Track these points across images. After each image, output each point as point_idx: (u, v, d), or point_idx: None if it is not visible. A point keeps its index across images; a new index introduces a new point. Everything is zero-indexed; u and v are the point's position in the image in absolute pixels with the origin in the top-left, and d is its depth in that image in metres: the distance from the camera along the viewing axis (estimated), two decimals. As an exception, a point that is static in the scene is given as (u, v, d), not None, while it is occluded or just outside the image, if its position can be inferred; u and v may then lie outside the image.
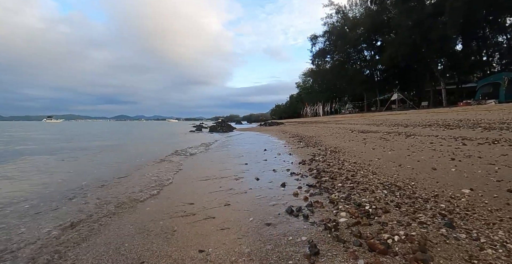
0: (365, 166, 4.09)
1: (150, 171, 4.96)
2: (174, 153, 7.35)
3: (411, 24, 33.87)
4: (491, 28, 34.01)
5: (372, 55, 49.76)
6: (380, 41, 46.41)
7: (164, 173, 4.68)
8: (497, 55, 36.53)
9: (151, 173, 4.73)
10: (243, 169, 4.77)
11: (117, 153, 7.87)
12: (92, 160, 6.63)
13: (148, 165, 5.69)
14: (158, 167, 5.41)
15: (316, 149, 6.63)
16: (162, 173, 4.73)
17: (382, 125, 13.61)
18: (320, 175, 3.66)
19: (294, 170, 4.24)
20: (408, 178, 3.27)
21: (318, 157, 5.29)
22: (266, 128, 28.43)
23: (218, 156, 6.80)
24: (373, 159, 4.64)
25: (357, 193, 2.73)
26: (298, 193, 2.92)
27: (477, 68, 37.97)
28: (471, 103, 27.85)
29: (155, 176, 4.44)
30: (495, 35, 34.79)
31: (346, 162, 4.47)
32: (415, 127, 10.76)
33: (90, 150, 8.65)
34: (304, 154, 6.03)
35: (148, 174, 4.61)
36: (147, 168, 5.32)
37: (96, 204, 2.98)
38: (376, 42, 48.04)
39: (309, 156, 5.59)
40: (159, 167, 5.34)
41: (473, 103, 27.63)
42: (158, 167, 5.41)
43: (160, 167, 5.40)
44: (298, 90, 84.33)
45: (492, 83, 29.36)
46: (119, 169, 5.21)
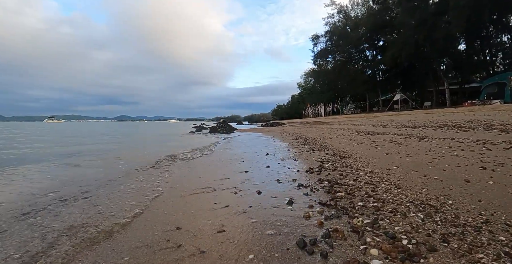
0: (384, 176, 3.53)
1: (137, 180, 4.38)
2: (168, 158, 6.76)
3: (414, 23, 33.42)
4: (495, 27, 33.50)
5: (374, 55, 49.41)
6: (382, 41, 46.09)
7: (152, 184, 4.09)
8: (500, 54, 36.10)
9: (137, 183, 4.13)
10: (243, 178, 4.20)
11: (106, 157, 7.28)
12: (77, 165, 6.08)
13: (137, 172, 5.12)
14: (147, 175, 4.83)
15: (323, 153, 6.06)
16: (150, 183, 4.14)
17: (389, 126, 13.04)
18: (334, 188, 3.09)
19: (301, 181, 3.67)
20: (441, 194, 2.71)
21: (327, 163, 4.72)
22: (268, 129, 27.88)
23: (216, 162, 6.22)
24: (390, 167, 4.08)
25: (385, 217, 2.16)
26: (310, 215, 2.35)
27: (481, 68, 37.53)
28: (476, 103, 27.31)
29: (141, 187, 3.83)
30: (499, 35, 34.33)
31: (361, 171, 3.91)
32: (424, 128, 10.20)
33: (78, 155, 7.99)
34: (311, 159, 5.46)
35: (133, 185, 4.02)
36: (135, 176, 4.73)
37: (41, 236, 2.22)
38: (378, 42, 47.71)
39: (316, 162, 5.02)
40: (148, 176, 4.76)
41: (478, 103, 27.08)
42: (147, 175, 4.83)
43: (149, 175, 4.83)
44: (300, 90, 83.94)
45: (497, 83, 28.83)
46: (101, 177, 4.59)
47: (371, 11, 43.97)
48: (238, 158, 6.56)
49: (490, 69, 35.64)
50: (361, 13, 47.72)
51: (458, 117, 14.53)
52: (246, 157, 6.79)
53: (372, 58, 49.78)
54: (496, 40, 34.64)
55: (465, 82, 38.44)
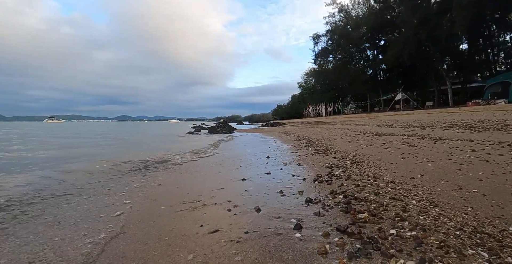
0: (410, 188, 2.89)
1: (112, 189, 3.73)
2: (158, 162, 6.08)
3: (416, 22, 32.93)
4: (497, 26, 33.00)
5: (375, 54, 48.91)
6: (384, 40, 45.64)
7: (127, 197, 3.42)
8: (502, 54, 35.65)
9: (108, 196, 3.45)
10: (239, 188, 3.55)
11: (90, 161, 6.59)
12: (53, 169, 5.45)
13: (116, 178, 4.48)
14: (126, 182, 4.16)
15: (331, 157, 5.41)
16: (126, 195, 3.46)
17: (395, 126, 12.41)
18: (352, 205, 2.44)
19: (309, 193, 3.02)
20: (493, 215, 2.07)
21: (337, 170, 4.08)
22: (268, 129, 27.24)
23: (211, 167, 5.55)
24: (413, 175, 3.45)
25: (435, 257, 1.52)
26: (326, 250, 1.70)
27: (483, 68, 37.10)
28: (480, 103, 26.79)
29: (110, 204, 3.08)
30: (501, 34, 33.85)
31: (380, 180, 3.27)
32: (434, 129, 9.56)
33: (61, 159, 7.26)
34: (317, 164, 4.82)
35: (103, 197, 3.36)
36: (111, 184, 4.08)
37: None
38: (379, 42, 47.32)
39: (324, 168, 4.38)
40: (127, 183, 4.09)
41: (482, 103, 26.57)
42: (126, 182, 4.16)
43: (129, 183, 4.16)
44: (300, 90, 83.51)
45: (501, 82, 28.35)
46: (65, 188, 3.84)
47: (372, 10, 43.52)
48: (235, 162, 5.91)
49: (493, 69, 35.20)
50: (362, 12, 47.28)
51: (465, 117, 13.92)
52: (245, 160, 6.14)
53: (373, 57, 49.35)
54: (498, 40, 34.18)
55: (467, 82, 38.03)
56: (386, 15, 41.57)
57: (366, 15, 44.58)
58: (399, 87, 41.54)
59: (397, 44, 36.56)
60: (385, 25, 41.99)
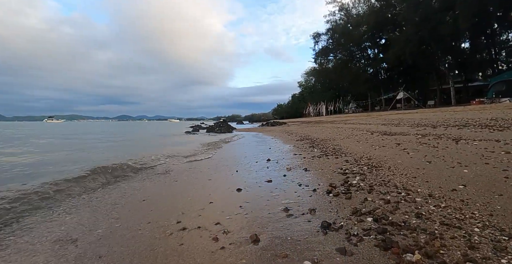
0: (459, 205, 2.14)
1: (63, 207, 2.99)
2: (142, 168, 5.26)
3: (419, 19, 32.34)
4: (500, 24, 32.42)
5: (376, 53, 48.34)
6: (385, 39, 45.15)
7: (92, 212, 2.69)
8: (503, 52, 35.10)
9: (64, 213, 2.71)
10: (233, 204, 2.78)
11: (66, 163, 5.84)
12: (21, 172, 4.71)
13: (88, 191, 3.72)
14: (91, 200, 3.38)
15: (342, 160, 4.65)
16: (91, 210, 2.74)
17: (402, 125, 11.68)
18: (390, 236, 1.71)
19: (324, 214, 2.24)
20: None
21: (353, 177, 3.33)
22: (269, 128, 26.50)
23: (201, 172, 4.76)
24: (453, 185, 2.71)
25: None
26: None
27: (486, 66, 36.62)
28: (485, 101, 26.31)
29: (61, 228, 2.36)
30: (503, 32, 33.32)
31: (414, 193, 2.51)
32: (447, 128, 8.82)
33: (32, 166, 6.46)
34: (327, 169, 4.06)
35: (54, 216, 2.63)
36: (67, 200, 3.32)
37: None
38: (380, 40, 46.85)
39: (337, 174, 3.62)
40: (92, 200, 3.33)
41: (486, 101, 26.09)
42: (91, 200, 3.38)
43: (91, 201, 3.37)
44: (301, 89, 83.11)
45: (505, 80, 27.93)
46: (22, 200, 3.14)
47: (373, 9, 43.00)
48: (231, 167, 5.15)
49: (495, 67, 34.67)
50: (362, 10, 46.75)
51: (474, 116, 13.21)
52: (242, 164, 5.38)
53: (374, 56, 48.81)
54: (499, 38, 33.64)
55: (468, 81, 37.56)
56: (387, 14, 41.24)
57: (366, 14, 44.13)
58: (400, 86, 41.00)
59: (398, 42, 36.10)
60: (386, 24, 41.58)
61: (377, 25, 41.73)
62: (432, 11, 31.11)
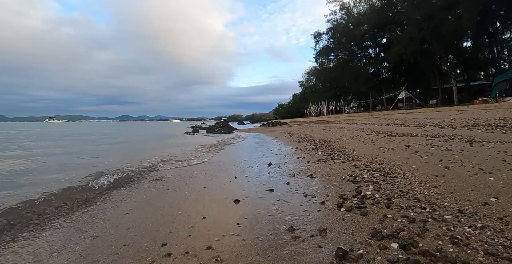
0: (499, 225, 1.76)
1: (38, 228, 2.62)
2: (132, 174, 4.71)
3: (421, 17, 31.99)
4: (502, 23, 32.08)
5: (377, 53, 48.00)
6: (386, 38, 44.85)
7: (65, 234, 2.32)
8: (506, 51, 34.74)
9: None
10: (228, 220, 2.38)
11: (53, 171, 5.47)
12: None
13: (64, 207, 3.34)
14: (61, 222, 2.97)
15: (350, 165, 4.27)
16: (62, 233, 2.36)
17: (407, 126, 11.30)
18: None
19: (338, 235, 1.86)
20: None
21: (366, 186, 2.94)
22: (270, 128, 26.12)
23: (196, 178, 4.34)
24: (482, 197, 2.32)
25: None
26: None
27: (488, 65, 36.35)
28: (488, 100, 26.03)
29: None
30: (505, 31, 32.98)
31: (441, 209, 2.13)
32: (455, 128, 8.43)
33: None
34: (335, 176, 3.68)
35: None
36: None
37: None
38: (381, 39, 46.58)
39: (346, 183, 3.23)
40: (72, 214, 2.96)
41: (490, 100, 25.81)
42: (61, 222, 2.97)
43: (77, 212, 3.02)
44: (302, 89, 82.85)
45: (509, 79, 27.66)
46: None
47: (374, 8, 42.67)
48: (229, 172, 4.76)
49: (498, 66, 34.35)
50: (363, 10, 46.44)
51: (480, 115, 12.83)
52: (241, 169, 5.00)
53: (375, 56, 48.44)
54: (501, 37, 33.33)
55: (470, 80, 37.22)
56: (388, 12, 41.01)
57: (367, 13, 43.83)
58: (402, 85, 40.68)
59: (400, 41, 35.78)
60: (387, 23, 41.35)
61: (378, 24, 41.45)
62: (435, 9, 30.76)
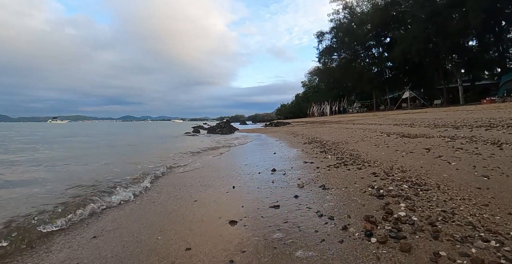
0: None
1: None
2: (118, 184, 3.93)
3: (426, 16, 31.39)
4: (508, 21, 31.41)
5: (381, 52, 47.38)
6: (389, 38, 44.24)
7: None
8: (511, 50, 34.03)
9: None
10: (220, 256, 1.82)
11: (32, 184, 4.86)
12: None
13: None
14: None
15: (367, 172, 3.64)
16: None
17: (418, 126, 10.64)
18: None
19: None
20: None
21: (396, 204, 2.32)
22: (272, 129, 25.53)
23: (187, 190, 3.66)
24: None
25: None
26: None
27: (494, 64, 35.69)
28: (496, 100, 25.54)
29: None
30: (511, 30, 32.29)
31: (509, 241, 1.58)
32: (471, 129, 7.76)
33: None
34: (352, 187, 3.04)
35: None
36: None
37: None
38: (385, 39, 45.88)
39: (369, 197, 2.61)
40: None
41: (497, 100, 25.30)
42: None
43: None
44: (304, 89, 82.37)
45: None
46: None
47: (377, 7, 42.14)
48: (227, 180, 4.14)
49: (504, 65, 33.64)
50: (366, 9, 45.88)
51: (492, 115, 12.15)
52: (241, 176, 4.38)
53: (378, 55, 47.79)
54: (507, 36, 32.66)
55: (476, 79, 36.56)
56: (391, 11, 40.53)
57: (371, 12, 43.30)
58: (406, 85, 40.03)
59: (405, 40, 35.27)
60: (390, 22, 40.87)
61: (382, 23, 40.94)
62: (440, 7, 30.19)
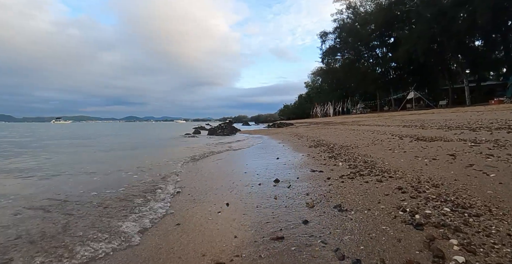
0: None
1: None
2: (94, 203, 3.38)
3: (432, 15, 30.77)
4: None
5: (385, 52, 46.77)
6: (393, 38, 43.65)
7: None
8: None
9: None
10: None
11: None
12: None
13: None
14: None
15: (391, 187, 3.03)
16: None
17: (430, 128, 9.99)
18: None
19: None
20: None
21: (443, 240, 1.71)
22: (275, 130, 24.93)
23: (170, 206, 3.16)
24: None
25: None
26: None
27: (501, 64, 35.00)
28: (505, 100, 25.03)
29: None
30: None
31: None
32: (490, 131, 7.10)
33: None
34: (377, 209, 2.41)
35: None
36: None
37: None
38: (389, 39, 45.28)
39: (402, 226, 2.01)
40: None
41: (506, 101, 24.80)
42: None
43: None
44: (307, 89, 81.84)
45: (525, 79, 26.91)
46: None
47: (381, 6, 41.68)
48: (220, 194, 3.50)
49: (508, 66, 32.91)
50: (370, 8, 45.34)
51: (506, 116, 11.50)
52: (237, 189, 3.74)
53: (382, 55, 47.18)
54: (511, 35, 31.97)
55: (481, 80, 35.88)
56: (395, 11, 39.96)
57: (375, 12, 42.79)
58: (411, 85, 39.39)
59: (409, 40, 34.70)
60: (395, 21, 40.43)
61: (386, 23, 40.41)
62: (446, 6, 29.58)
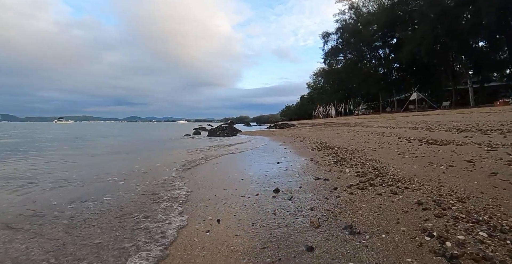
0: None
1: None
2: (66, 214, 3.15)
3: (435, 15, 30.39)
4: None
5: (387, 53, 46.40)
6: (396, 38, 43.32)
7: None
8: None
9: None
10: None
11: None
12: None
13: None
14: None
15: (409, 201, 2.62)
16: None
17: (437, 130, 9.56)
18: None
19: None
20: None
21: None
22: (277, 131, 24.55)
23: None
24: None
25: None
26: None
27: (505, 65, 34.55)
28: (510, 102, 24.67)
29: None
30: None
31: None
32: (505, 134, 6.63)
33: None
34: (396, 231, 2.01)
35: None
36: None
37: None
38: (391, 39, 44.89)
39: (430, 257, 1.63)
40: None
41: (511, 102, 24.44)
42: None
43: None
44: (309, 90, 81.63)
45: (530, 80, 26.55)
46: None
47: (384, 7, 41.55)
48: (212, 206, 3.10)
49: (511, 67, 32.54)
50: (373, 9, 45.12)
51: None
52: (231, 199, 3.32)
53: (385, 56, 46.82)
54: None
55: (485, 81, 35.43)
56: (398, 11, 39.78)
57: (377, 12, 42.45)
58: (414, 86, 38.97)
59: (412, 40, 34.37)
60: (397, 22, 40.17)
61: (388, 24, 40.09)
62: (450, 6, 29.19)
